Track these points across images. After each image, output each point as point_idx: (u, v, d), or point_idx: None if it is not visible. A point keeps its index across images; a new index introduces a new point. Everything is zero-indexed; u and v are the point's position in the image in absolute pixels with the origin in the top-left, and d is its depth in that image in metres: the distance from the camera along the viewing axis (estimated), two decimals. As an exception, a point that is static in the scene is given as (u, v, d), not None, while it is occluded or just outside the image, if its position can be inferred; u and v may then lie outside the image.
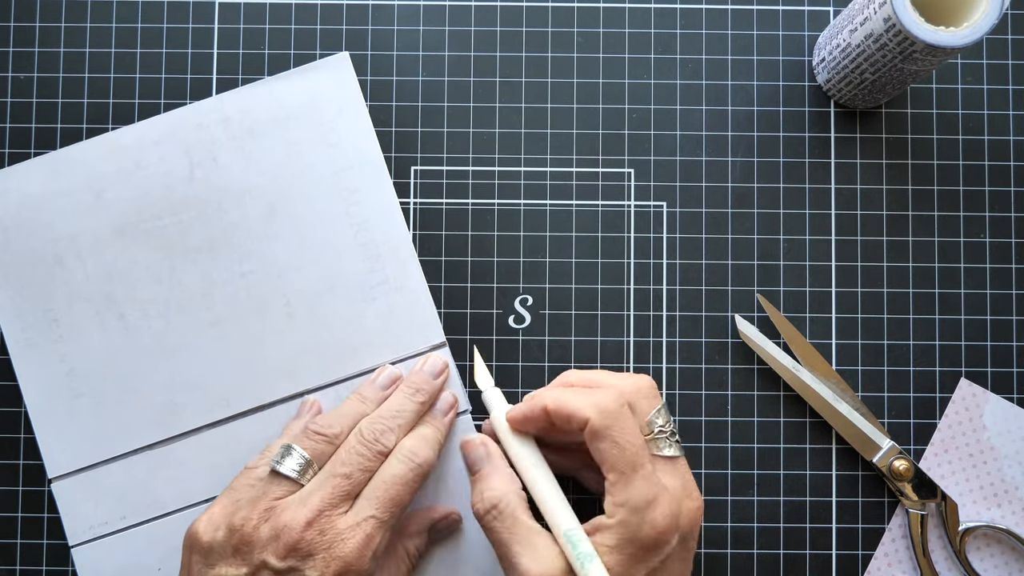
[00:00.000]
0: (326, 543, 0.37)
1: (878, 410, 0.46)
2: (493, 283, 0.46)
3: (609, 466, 0.37)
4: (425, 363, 0.44)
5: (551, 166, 0.46)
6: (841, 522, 0.45)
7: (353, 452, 0.40)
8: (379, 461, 0.40)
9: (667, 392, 0.46)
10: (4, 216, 0.45)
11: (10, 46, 0.47)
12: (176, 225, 0.45)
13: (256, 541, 0.38)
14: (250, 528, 0.38)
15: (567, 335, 0.46)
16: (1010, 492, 0.45)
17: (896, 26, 0.38)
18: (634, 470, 0.37)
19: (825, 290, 0.46)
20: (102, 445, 0.44)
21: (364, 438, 0.40)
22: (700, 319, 0.46)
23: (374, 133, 0.46)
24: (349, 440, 0.40)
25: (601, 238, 0.46)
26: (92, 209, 0.45)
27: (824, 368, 0.45)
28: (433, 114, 0.47)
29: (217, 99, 0.46)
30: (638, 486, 0.37)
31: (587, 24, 0.47)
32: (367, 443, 0.40)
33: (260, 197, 0.45)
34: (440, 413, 0.43)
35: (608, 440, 0.38)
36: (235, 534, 0.38)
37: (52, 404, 0.44)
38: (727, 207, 0.46)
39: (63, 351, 0.45)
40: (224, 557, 0.38)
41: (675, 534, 0.37)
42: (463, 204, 0.46)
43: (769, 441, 0.45)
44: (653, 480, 0.37)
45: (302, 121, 0.45)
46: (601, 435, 0.38)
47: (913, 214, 0.46)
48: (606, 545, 0.37)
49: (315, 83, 0.46)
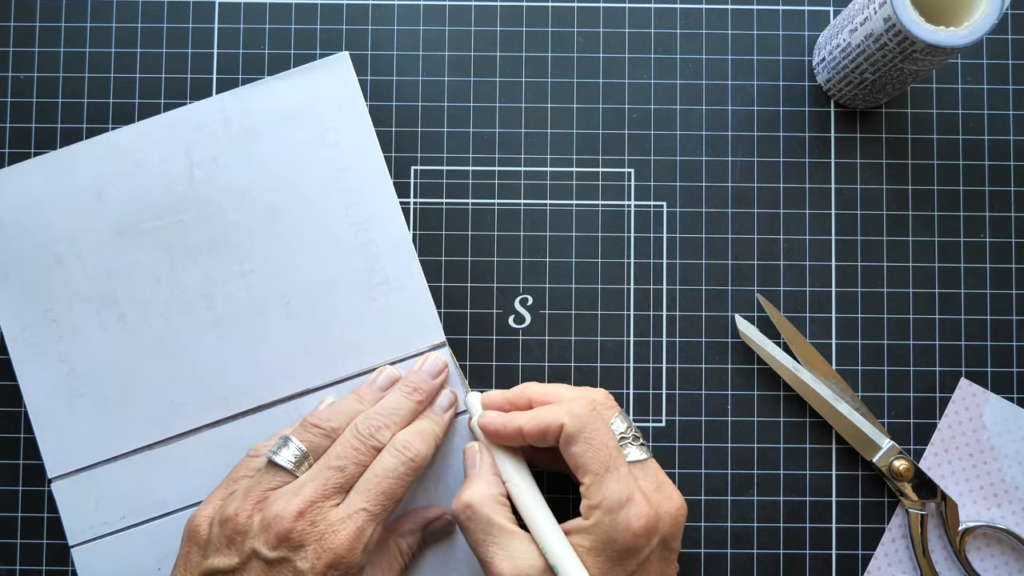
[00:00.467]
0: (317, 534, 0.37)
1: (878, 410, 0.46)
2: (493, 283, 0.46)
3: (583, 469, 0.38)
4: (424, 363, 0.44)
5: (551, 166, 0.46)
6: (841, 522, 0.45)
7: (348, 446, 0.40)
8: (372, 455, 0.40)
9: (667, 392, 0.46)
10: (4, 216, 0.45)
11: (10, 46, 0.47)
12: (176, 225, 0.45)
13: (248, 531, 0.38)
14: (243, 518, 0.38)
15: (567, 335, 0.46)
16: (1010, 492, 0.45)
17: (896, 26, 0.38)
18: (607, 471, 0.37)
19: (825, 290, 0.46)
20: (102, 445, 0.44)
21: (359, 432, 0.40)
22: (700, 319, 0.46)
23: (374, 133, 0.46)
24: (344, 434, 0.40)
25: (601, 238, 0.46)
26: (92, 209, 0.45)
27: (824, 368, 0.45)
28: (433, 114, 0.47)
29: (217, 99, 0.46)
30: (612, 487, 0.37)
31: (587, 24, 0.47)
32: (362, 437, 0.40)
33: (260, 197, 0.45)
34: (440, 409, 0.43)
35: (581, 442, 0.38)
36: (228, 524, 0.38)
37: (52, 404, 0.44)
38: (727, 207, 0.46)
39: (63, 351, 0.45)
40: (219, 549, 0.38)
41: (654, 536, 0.37)
42: (463, 204, 0.46)
43: (769, 441, 0.45)
44: (627, 481, 0.37)
45: (302, 121, 0.45)
46: (575, 438, 0.38)
47: (913, 214, 0.46)
48: (582, 547, 0.37)
49: (315, 83, 0.46)
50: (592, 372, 0.46)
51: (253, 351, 0.45)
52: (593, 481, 0.37)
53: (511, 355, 0.46)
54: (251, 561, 0.37)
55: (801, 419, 0.46)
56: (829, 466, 0.45)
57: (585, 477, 0.38)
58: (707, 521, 0.45)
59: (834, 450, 0.45)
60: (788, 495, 0.45)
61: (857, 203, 0.46)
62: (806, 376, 0.45)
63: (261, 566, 0.37)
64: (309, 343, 0.45)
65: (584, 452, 0.38)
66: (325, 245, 0.45)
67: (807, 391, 0.45)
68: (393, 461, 0.40)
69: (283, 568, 0.37)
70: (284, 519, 0.37)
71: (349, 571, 0.38)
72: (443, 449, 0.44)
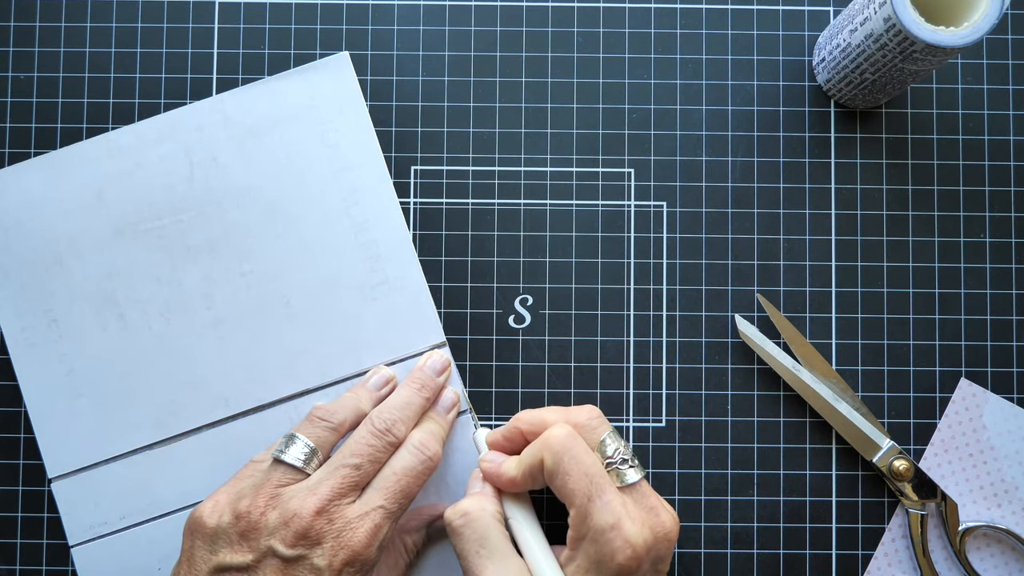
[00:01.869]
0: (335, 531, 0.37)
1: (878, 410, 0.46)
2: (493, 283, 0.46)
3: (568, 501, 0.38)
4: (428, 360, 0.44)
5: (551, 166, 0.46)
6: (841, 522, 0.45)
7: (363, 443, 0.40)
8: (388, 452, 0.40)
9: (667, 392, 0.46)
10: (4, 216, 0.45)
11: (10, 45, 0.47)
12: (176, 225, 0.45)
13: (264, 528, 0.38)
14: (257, 515, 0.38)
15: (567, 335, 0.46)
16: (1010, 492, 0.45)
17: (896, 26, 0.38)
18: (590, 500, 0.37)
19: (825, 290, 0.46)
20: (102, 445, 0.44)
21: (376, 428, 0.40)
22: (700, 319, 0.46)
23: (374, 133, 0.46)
24: (359, 430, 0.40)
25: (601, 238, 0.46)
26: (92, 209, 0.45)
27: (824, 368, 0.45)
28: (433, 114, 0.47)
29: (217, 99, 0.46)
30: (596, 516, 0.37)
31: (587, 24, 0.47)
32: (379, 433, 0.40)
33: (260, 197, 0.45)
34: (443, 410, 0.43)
35: (560, 475, 0.38)
36: (241, 520, 0.38)
37: (52, 404, 0.44)
38: (727, 207, 0.46)
39: (63, 351, 0.45)
40: (229, 543, 0.38)
41: (646, 560, 0.37)
42: (463, 204, 0.46)
43: (769, 441, 0.45)
44: (612, 508, 0.37)
45: (302, 121, 0.45)
46: (554, 473, 0.38)
47: (913, 214, 0.46)
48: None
49: (315, 83, 0.46)
50: (592, 372, 0.46)
51: (253, 351, 0.45)
52: (576, 512, 0.37)
53: (511, 355, 0.46)
54: (267, 559, 0.37)
55: (801, 419, 0.46)
56: (829, 466, 0.45)
57: (571, 509, 0.38)
58: (707, 521, 0.45)
59: (834, 450, 0.45)
60: (788, 495, 0.45)
61: (857, 203, 0.46)
62: (806, 376, 0.45)
63: (278, 563, 0.37)
64: (309, 343, 0.45)
65: (564, 484, 0.38)
66: (325, 245, 0.45)
67: (807, 391, 0.45)
68: (412, 460, 0.40)
69: (300, 566, 0.37)
70: (303, 517, 0.37)
71: (365, 567, 0.38)
72: (444, 448, 0.44)
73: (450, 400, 0.44)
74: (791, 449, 0.45)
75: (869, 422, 0.45)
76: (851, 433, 0.45)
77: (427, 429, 0.42)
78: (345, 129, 0.46)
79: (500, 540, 0.38)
